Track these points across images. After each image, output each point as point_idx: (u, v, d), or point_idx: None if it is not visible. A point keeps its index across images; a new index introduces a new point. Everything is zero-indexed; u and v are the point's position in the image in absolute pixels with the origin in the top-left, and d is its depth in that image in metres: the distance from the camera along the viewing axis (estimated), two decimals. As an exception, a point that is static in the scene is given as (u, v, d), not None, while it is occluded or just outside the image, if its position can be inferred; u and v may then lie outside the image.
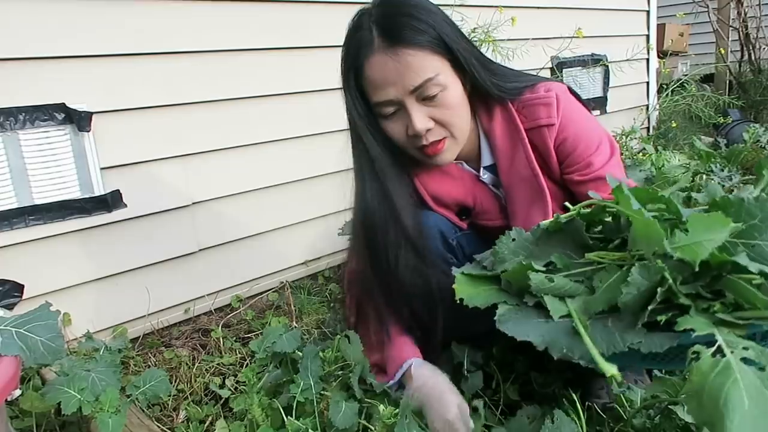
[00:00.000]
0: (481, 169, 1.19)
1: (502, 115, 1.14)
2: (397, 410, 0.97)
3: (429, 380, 1.06)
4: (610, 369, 0.61)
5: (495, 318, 0.74)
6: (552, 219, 0.85)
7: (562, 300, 0.71)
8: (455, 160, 1.18)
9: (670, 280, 0.64)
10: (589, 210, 0.84)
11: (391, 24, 1.00)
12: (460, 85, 1.06)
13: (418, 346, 1.17)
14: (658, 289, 0.64)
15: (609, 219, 0.83)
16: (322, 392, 1.11)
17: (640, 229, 0.69)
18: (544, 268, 0.77)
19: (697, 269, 0.63)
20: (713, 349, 0.57)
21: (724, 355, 0.55)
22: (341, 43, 1.07)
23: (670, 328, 0.63)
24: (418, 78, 0.99)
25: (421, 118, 1.02)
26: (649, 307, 0.64)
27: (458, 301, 0.81)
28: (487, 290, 0.80)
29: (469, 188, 1.20)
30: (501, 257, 0.84)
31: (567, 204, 0.91)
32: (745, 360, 0.55)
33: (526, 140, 1.11)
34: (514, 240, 0.85)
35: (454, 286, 0.82)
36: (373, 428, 1.04)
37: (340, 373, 1.28)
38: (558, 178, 1.14)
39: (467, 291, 0.79)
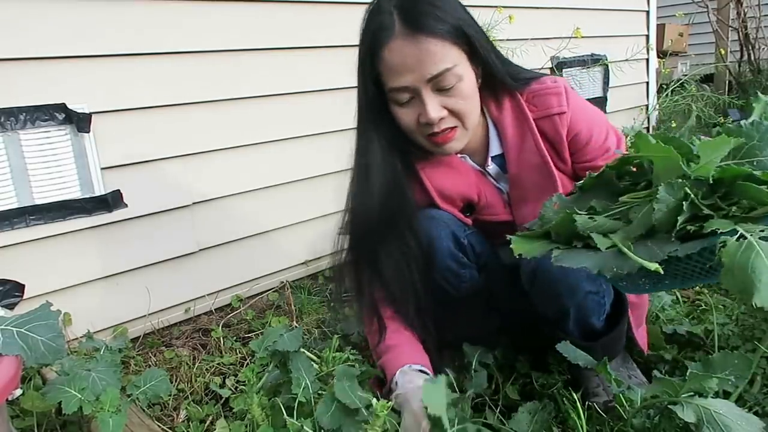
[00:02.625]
0: (489, 158, 1.20)
1: (512, 105, 1.17)
2: (390, 403, 0.96)
3: (408, 391, 1.03)
4: (652, 264, 0.71)
5: (551, 259, 0.82)
6: (586, 177, 0.93)
7: (606, 235, 0.81)
8: (461, 154, 1.19)
9: (692, 195, 0.74)
10: (614, 163, 0.92)
11: (412, 10, 1.00)
12: (474, 76, 1.08)
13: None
14: (684, 204, 0.75)
15: (634, 169, 0.91)
16: (319, 392, 1.11)
17: (660, 162, 0.80)
18: (586, 213, 0.86)
19: (711, 181, 0.76)
20: (736, 236, 0.69)
21: (746, 240, 0.67)
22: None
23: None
24: (436, 67, 1.00)
25: (435, 106, 1.03)
26: (679, 218, 0.74)
27: (517, 257, 0.87)
28: (541, 243, 0.87)
29: (474, 182, 1.20)
30: (547, 219, 0.91)
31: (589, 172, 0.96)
32: (763, 239, 0.67)
33: (535, 129, 1.14)
34: (555, 203, 0.94)
35: (511, 246, 0.87)
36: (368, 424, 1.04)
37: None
38: (567, 168, 1.17)
39: (523, 247, 0.87)
